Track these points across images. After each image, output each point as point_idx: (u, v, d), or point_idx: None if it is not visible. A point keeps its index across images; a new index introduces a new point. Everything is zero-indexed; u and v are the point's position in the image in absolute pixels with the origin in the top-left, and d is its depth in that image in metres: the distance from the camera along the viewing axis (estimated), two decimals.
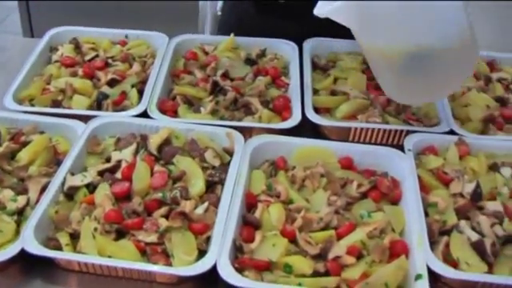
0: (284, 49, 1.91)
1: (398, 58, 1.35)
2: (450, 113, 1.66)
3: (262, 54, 1.88)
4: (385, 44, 1.33)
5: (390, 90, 1.55)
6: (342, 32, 1.41)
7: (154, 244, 1.29)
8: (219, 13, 2.22)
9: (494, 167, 1.51)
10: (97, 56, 1.88)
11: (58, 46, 1.93)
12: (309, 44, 1.90)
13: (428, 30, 1.31)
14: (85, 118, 1.59)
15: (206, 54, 1.91)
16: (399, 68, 1.38)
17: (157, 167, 1.44)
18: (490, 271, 1.28)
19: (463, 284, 1.27)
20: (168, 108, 1.67)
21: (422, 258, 1.25)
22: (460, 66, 1.46)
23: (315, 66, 1.85)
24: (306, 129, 1.64)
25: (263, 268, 1.25)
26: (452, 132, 1.60)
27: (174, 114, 1.67)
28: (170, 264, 1.26)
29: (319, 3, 1.26)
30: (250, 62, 1.84)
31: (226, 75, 1.78)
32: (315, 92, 1.74)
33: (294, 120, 1.59)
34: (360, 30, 1.31)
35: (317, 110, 1.68)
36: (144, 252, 1.28)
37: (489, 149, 1.57)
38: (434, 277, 1.25)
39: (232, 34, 1.92)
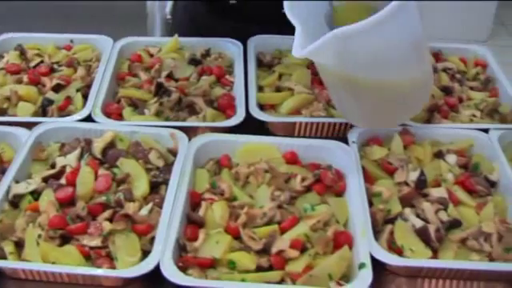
0: (229, 48, 1.90)
1: (367, 88, 1.36)
2: None
3: (207, 53, 1.87)
4: (358, 76, 1.33)
5: (352, 116, 1.55)
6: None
7: (98, 248, 1.27)
8: (168, 16, 2.21)
9: (439, 155, 1.52)
10: (42, 62, 1.86)
11: (4, 53, 1.91)
12: (253, 42, 1.89)
13: (398, 66, 1.34)
14: (30, 125, 1.57)
15: (151, 55, 1.90)
16: (367, 96, 1.40)
17: (101, 171, 1.43)
18: (435, 256, 1.29)
19: (408, 270, 1.28)
20: (113, 111, 1.66)
21: (366, 247, 1.25)
22: (421, 93, 1.50)
23: (260, 64, 1.84)
24: (252, 126, 1.63)
25: (207, 265, 1.24)
26: None
27: (119, 116, 1.65)
28: (114, 267, 1.24)
29: (294, 47, 1.26)
30: (194, 62, 1.83)
31: (170, 76, 1.77)
32: (260, 89, 1.74)
33: (238, 117, 1.59)
34: (335, 65, 1.32)
35: (262, 107, 1.67)
36: (89, 256, 1.27)
37: (434, 137, 1.58)
38: (380, 265, 1.26)
39: (176, 35, 1.91)
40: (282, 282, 1.22)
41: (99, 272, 1.23)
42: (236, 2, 1.97)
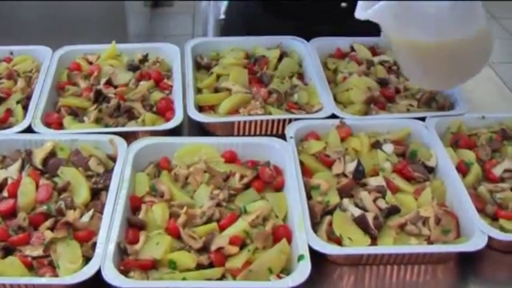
0: (166, 52, 1.91)
1: (428, 50, 1.43)
2: (332, 98, 1.70)
3: (145, 59, 1.88)
4: (417, 38, 1.41)
5: (417, 78, 1.63)
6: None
7: (40, 257, 1.27)
8: (222, 16, 2.20)
9: (376, 145, 1.55)
10: None
11: None
12: (190, 44, 1.90)
13: (456, 26, 1.40)
14: None
15: (90, 63, 1.89)
16: (428, 58, 1.46)
17: (42, 181, 1.43)
18: (375, 243, 1.32)
19: (348, 259, 1.31)
20: (53, 121, 1.65)
21: (304, 239, 1.26)
22: (479, 54, 1.53)
23: (199, 66, 1.85)
24: (193, 128, 1.65)
25: (148, 267, 1.24)
26: (335, 116, 1.63)
27: (60, 126, 1.65)
28: (57, 275, 1.24)
29: (357, 9, 1.36)
30: (132, 67, 1.83)
31: (109, 83, 1.77)
32: (199, 91, 1.75)
33: (177, 120, 1.60)
34: (395, 28, 1.40)
35: (202, 109, 1.68)
36: (32, 266, 1.26)
37: (371, 128, 1.61)
38: (321, 257, 1.28)
39: (114, 42, 1.91)
40: (222, 278, 1.24)
41: (42, 281, 1.22)
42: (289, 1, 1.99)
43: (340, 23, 1.94)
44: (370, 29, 1.97)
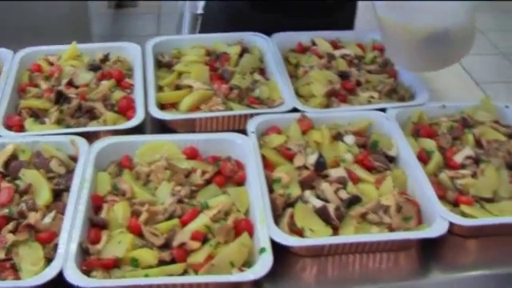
0: (127, 51, 1.90)
1: (418, 35, 1.51)
2: (293, 92, 1.71)
3: (106, 58, 1.87)
4: (409, 22, 1.49)
5: (404, 61, 1.71)
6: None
7: (2, 261, 1.26)
8: (200, 11, 2.19)
9: (337, 137, 1.56)
10: None
11: None
12: (152, 43, 1.90)
13: (446, 14, 1.49)
14: None
15: (51, 64, 1.88)
16: (417, 42, 1.53)
17: (3, 184, 1.42)
18: (336, 234, 1.33)
19: (310, 250, 1.32)
20: (14, 123, 1.64)
21: (265, 232, 1.27)
22: (465, 40, 1.60)
23: (160, 64, 1.85)
24: (155, 126, 1.66)
25: (110, 266, 1.24)
26: (296, 110, 1.64)
27: (21, 128, 1.63)
28: (19, 278, 1.24)
29: None
30: (93, 67, 1.82)
31: (71, 84, 1.76)
32: (161, 89, 1.75)
33: (138, 119, 1.59)
34: (390, 10, 1.50)
35: (164, 106, 1.68)
36: None
37: (332, 121, 1.62)
38: (284, 249, 1.29)
39: (74, 42, 1.90)
40: (185, 273, 1.24)
41: (3, 284, 1.22)
42: None
43: (324, 18, 1.99)
44: (353, 22, 2.01)
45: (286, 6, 2.01)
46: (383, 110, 1.66)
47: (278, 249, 1.27)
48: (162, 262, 1.24)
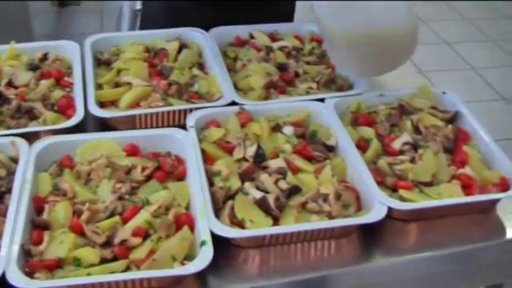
0: (66, 49, 1.89)
1: (365, 40, 1.52)
2: (232, 86, 1.72)
3: (44, 57, 1.86)
4: (357, 28, 1.50)
5: (349, 67, 1.73)
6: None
7: None
8: (139, 6, 2.16)
9: (276, 128, 1.58)
10: None
11: None
12: (90, 40, 1.89)
13: (393, 18, 1.52)
14: None
15: None
16: (364, 47, 1.55)
17: None
18: (277, 224, 1.35)
19: (251, 241, 1.34)
20: None
21: (206, 225, 1.28)
22: (409, 45, 1.61)
23: (99, 62, 1.85)
24: (96, 124, 1.66)
25: (53, 267, 1.24)
26: (235, 103, 1.66)
27: None
28: None
29: None
30: (32, 67, 1.81)
31: (10, 84, 1.75)
32: (100, 87, 1.74)
33: (77, 117, 1.59)
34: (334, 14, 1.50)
35: (104, 104, 1.68)
36: None
37: (271, 112, 1.64)
38: (226, 241, 1.31)
39: (13, 42, 1.88)
40: (127, 270, 1.25)
41: None
42: None
43: (263, 10, 2.02)
44: (292, 13, 2.02)
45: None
46: (322, 100, 1.68)
47: (221, 241, 1.29)
48: (104, 260, 1.25)
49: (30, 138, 1.54)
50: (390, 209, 1.37)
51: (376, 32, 1.51)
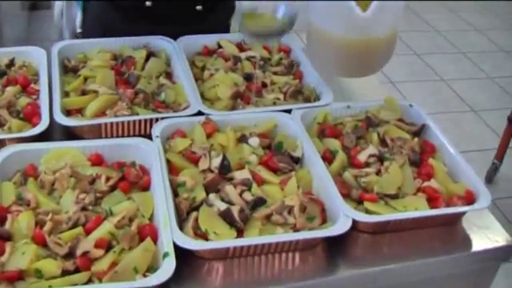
0: (33, 55, 1.87)
1: (344, 43, 1.61)
2: (199, 95, 1.72)
3: (11, 63, 1.84)
4: (340, 33, 1.59)
5: (329, 69, 1.78)
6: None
7: None
8: (79, 30, 2.15)
9: (242, 139, 1.58)
10: None
11: None
12: (58, 47, 1.88)
13: (377, 26, 1.59)
14: None
15: None
16: (345, 52, 1.64)
17: None
18: (241, 236, 1.35)
19: (213, 252, 1.33)
20: None
21: (169, 236, 1.28)
22: (388, 51, 1.69)
23: (66, 69, 1.83)
24: (62, 133, 1.64)
25: (15, 278, 1.22)
26: (201, 113, 1.65)
27: None
28: None
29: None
30: None
31: None
32: (67, 94, 1.73)
33: (43, 125, 1.57)
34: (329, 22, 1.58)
35: (70, 112, 1.67)
36: None
37: (237, 123, 1.64)
38: (189, 253, 1.31)
39: None
40: (89, 282, 1.23)
41: None
42: (152, 4, 1.98)
43: (197, 24, 2.01)
44: (228, 24, 2.05)
45: (158, 15, 2.01)
46: (289, 111, 1.69)
47: (185, 253, 1.28)
48: (66, 272, 1.23)
49: None
50: (355, 221, 1.38)
51: (364, 39, 1.58)
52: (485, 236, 1.49)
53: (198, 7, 2.03)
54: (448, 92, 4.76)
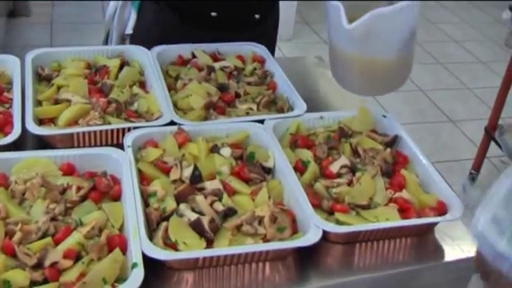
0: (7, 63, 1.86)
1: (372, 66, 1.61)
2: (171, 105, 1.72)
3: None
4: (375, 56, 1.59)
5: (354, 87, 1.73)
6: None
7: None
8: (130, 31, 2.15)
9: (214, 149, 1.58)
10: None
11: None
12: (31, 55, 1.87)
13: (404, 47, 1.59)
14: None
15: None
16: (372, 71, 1.63)
17: None
18: (211, 246, 1.35)
19: (182, 263, 1.33)
20: None
21: (138, 247, 1.28)
22: (408, 69, 1.70)
23: (40, 77, 1.83)
24: (34, 142, 1.63)
25: None
26: (173, 123, 1.65)
27: None
28: None
29: (344, 23, 1.51)
30: None
31: None
32: (40, 103, 1.72)
33: (14, 135, 1.56)
34: (359, 43, 1.56)
35: (42, 121, 1.66)
36: None
37: (210, 133, 1.64)
38: (160, 263, 1.30)
39: None
40: None
41: None
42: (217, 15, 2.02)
43: (250, 32, 2.07)
44: (275, 33, 2.22)
45: (219, 23, 2.05)
46: (262, 121, 1.69)
47: (154, 263, 1.28)
48: (34, 283, 1.23)
49: None
50: (325, 232, 1.39)
51: (386, 60, 1.59)
52: (457, 247, 1.50)
53: (257, 16, 2.09)
54: (425, 102, 4.79)
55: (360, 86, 1.71)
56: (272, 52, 2.19)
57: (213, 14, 2.01)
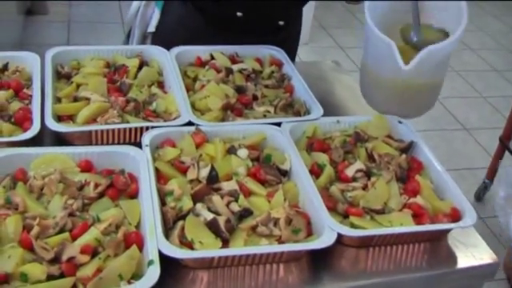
0: (27, 60, 1.88)
1: (406, 88, 1.65)
2: (189, 105, 1.73)
3: (4, 68, 1.85)
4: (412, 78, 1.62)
5: (391, 109, 1.77)
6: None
7: None
8: (152, 29, 2.16)
9: (231, 150, 1.59)
10: None
11: None
12: (51, 53, 1.89)
13: (440, 71, 1.69)
14: None
15: None
16: (413, 95, 1.68)
17: None
18: (226, 246, 1.36)
19: (198, 262, 1.35)
20: None
21: (154, 244, 1.29)
22: (435, 93, 1.74)
23: (59, 75, 1.85)
24: (52, 138, 1.65)
25: (0, 281, 1.23)
26: (191, 123, 1.67)
27: None
28: None
29: (400, 63, 1.55)
30: None
31: None
32: (59, 100, 1.74)
33: (34, 130, 1.58)
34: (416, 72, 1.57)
35: (61, 118, 1.68)
36: None
37: (227, 134, 1.65)
38: (175, 261, 1.31)
39: None
40: (74, 287, 1.24)
41: None
42: (242, 15, 2.02)
43: (274, 37, 2.08)
44: (298, 38, 2.23)
45: (244, 25, 2.06)
46: (278, 124, 1.70)
47: (170, 261, 1.29)
48: (51, 277, 1.24)
49: None
50: (340, 235, 1.39)
51: (404, 83, 1.63)
52: (470, 254, 1.51)
53: (281, 22, 2.11)
54: (440, 109, 4.79)
55: (399, 109, 1.76)
56: (292, 58, 2.19)
57: (238, 13, 2.01)
